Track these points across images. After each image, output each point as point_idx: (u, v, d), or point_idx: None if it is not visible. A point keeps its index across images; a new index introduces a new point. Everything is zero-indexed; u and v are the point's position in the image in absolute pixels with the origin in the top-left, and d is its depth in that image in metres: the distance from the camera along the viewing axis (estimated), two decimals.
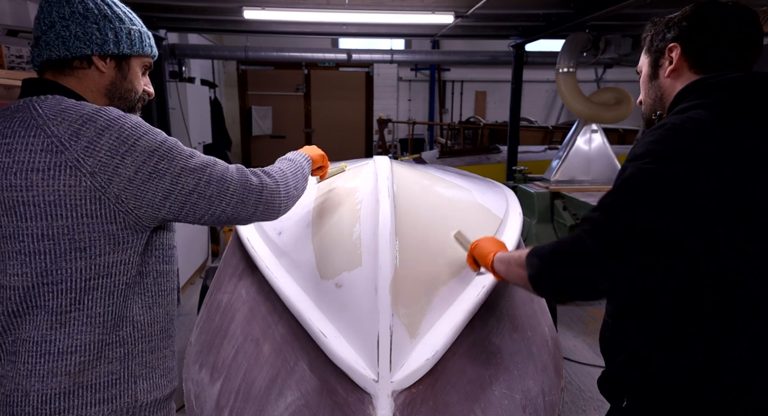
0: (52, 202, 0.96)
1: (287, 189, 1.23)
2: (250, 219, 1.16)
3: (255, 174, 1.17)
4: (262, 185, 1.15)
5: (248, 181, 1.13)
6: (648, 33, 1.24)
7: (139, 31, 1.15)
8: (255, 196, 1.14)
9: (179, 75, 5.77)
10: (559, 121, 9.29)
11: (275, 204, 1.18)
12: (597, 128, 4.63)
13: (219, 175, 1.08)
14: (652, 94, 1.23)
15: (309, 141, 9.47)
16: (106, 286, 1.02)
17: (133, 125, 1.01)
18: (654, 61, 1.21)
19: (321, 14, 4.32)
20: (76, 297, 1.00)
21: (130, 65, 1.14)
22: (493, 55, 6.34)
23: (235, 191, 1.10)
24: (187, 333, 3.55)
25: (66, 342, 1.00)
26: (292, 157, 1.41)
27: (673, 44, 1.15)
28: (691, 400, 1.07)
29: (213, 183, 1.07)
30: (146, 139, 1.01)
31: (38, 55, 1.07)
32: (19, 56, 2.83)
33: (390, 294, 1.19)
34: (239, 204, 1.11)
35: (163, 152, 1.02)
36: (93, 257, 1.00)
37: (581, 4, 3.90)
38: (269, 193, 1.16)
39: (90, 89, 1.10)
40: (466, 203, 1.97)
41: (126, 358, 1.07)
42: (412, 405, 1.07)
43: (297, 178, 1.30)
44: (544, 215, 4.40)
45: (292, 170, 1.31)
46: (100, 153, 0.96)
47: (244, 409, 1.21)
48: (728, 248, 1.01)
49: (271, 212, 1.19)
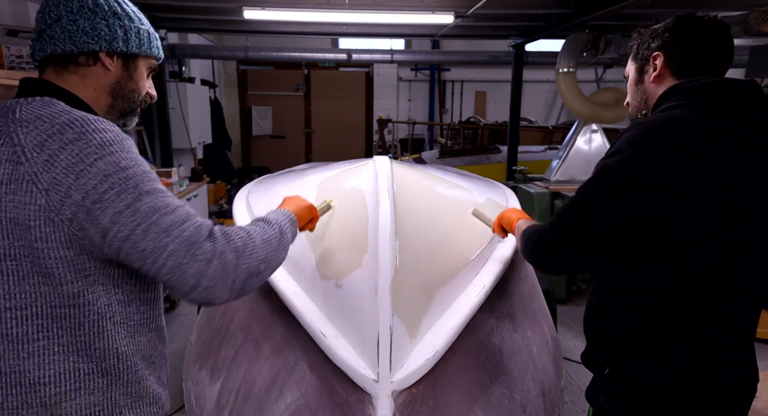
0: (12, 220, 0.87)
1: (250, 264, 0.97)
2: (190, 294, 0.91)
3: (213, 238, 0.93)
4: (214, 254, 0.91)
5: (196, 245, 0.90)
6: (635, 42, 1.34)
7: (147, 31, 1.10)
8: (198, 265, 0.89)
9: (179, 75, 5.78)
10: (559, 121, 9.28)
11: (226, 281, 0.92)
12: (597, 128, 4.63)
13: (163, 228, 0.89)
14: (638, 97, 1.34)
15: (309, 141, 9.47)
16: (74, 316, 0.93)
17: (100, 143, 0.89)
18: (640, 68, 1.32)
19: (321, 14, 4.32)
20: (43, 325, 0.91)
21: (137, 65, 1.10)
22: (493, 55, 6.34)
23: (173, 253, 0.88)
24: (187, 333, 3.55)
25: (37, 374, 0.91)
26: (273, 218, 1.15)
27: (657, 53, 1.25)
28: (667, 398, 1.16)
29: (150, 236, 0.88)
30: (106, 161, 0.88)
31: (40, 49, 1.01)
32: (19, 56, 2.83)
33: (390, 294, 1.19)
34: (175, 270, 0.89)
35: (116, 181, 0.88)
36: (56, 285, 0.90)
37: (581, 4, 3.90)
38: (220, 267, 0.91)
39: (93, 87, 1.04)
40: (466, 203, 1.97)
41: (109, 389, 0.98)
42: (412, 405, 1.07)
43: (269, 249, 1.04)
44: (544, 215, 4.39)
45: (266, 238, 1.05)
46: (57, 169, 0.86)
47: (244, 409, 1.21)
48: (714, 247, 1.08)
49: (221, 291, 0.92)
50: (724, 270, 1.09)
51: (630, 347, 1.18)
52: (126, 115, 1.12)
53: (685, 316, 1.12)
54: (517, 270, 1.73)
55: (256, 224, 1.09)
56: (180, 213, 0.92)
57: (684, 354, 1.13)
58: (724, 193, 1.05)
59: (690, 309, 1.12)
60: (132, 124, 1.16)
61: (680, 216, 1.05)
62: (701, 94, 1.14)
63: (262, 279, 1.02)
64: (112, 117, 1.10)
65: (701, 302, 1.11)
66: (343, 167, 2.11)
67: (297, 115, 9.38)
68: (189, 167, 5.47)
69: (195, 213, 0.97)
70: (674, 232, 1.06)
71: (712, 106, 1.11)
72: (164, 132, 5.27)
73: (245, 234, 1.00)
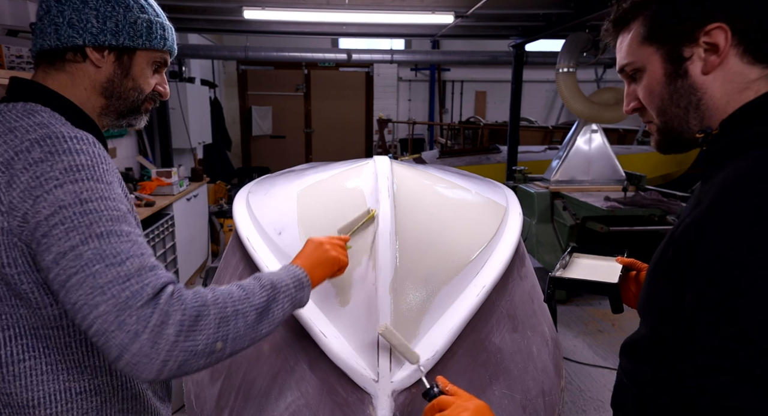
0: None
1: (197, 343, 0.77)
2: (114, 364, 0.75)
3: (155, 304, 0.76)
4: (146, 327, 0.74)
5: (128, 312, 0.73)
6: (641, 10, 0.83)
7: (148, 20, 0.97)
8: (123, 337, 0.73)
9: (179, 75, 5.77)
10: (559, 121, 9.28)
11: (154, 361, 0.74)
12: (597, 128, 4.63)
13: (99, 284, 0.74)
14: (679, 100, 0.82)
15: (309, 141, 9.47)
16: (60, 337, 0.87)
17: (66, 167, 0.79)
18: (673, 53, 0.80)
19: (321, 14, 4.32)
20: (29, 344, 0.85)
21: (134, 60, 0.98)
22: (493, 55, 6.34)
23: (101, 316, 0.73)
24: None
25: (26, 395, 0.85)
26: (271, 280, 0.93)
27: (716, 25, 0.75)
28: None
29: (83, 289, 0.74)
30: (65, 190, 0.78)
31: (34, 45, 0.94)
32: (19, 56, 2.83)
33: (390, 294, 1.19)
34: (100, 335, 0.74)
35: (69, 215, 0.77)
36: (35, 309, 0.84)
37: (581, 4, 3.91)
38: (148, 343, 0.73)
39: (83, 86, 0.95)
40: (466, 203, 1.97)
41: (104, 407, 0.92)
42: (412, 405, 1.07)
43: (238, 325, 0.83)
44: (544, 215, 4.40)
45: (239, 309, 0.84)
46: (16, 191, 0.78)
47: (244, 409, 1.21)
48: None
49: (144, 369, 0.74)
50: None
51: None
52: (127, 116, 1.03)
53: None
54: (517, 270, 1.73)
55: (239, 287, 0.88)
56: (128, 267, 0.77)
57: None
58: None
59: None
60: (140, 124, 1.06)
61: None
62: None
63: (219, 358, 0.82)
64: (110, 119, 1.01)
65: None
66: (343, 167, 2.11)
67: (297, 115, 9.38)
68: (189, 167, 5.47)
69: (154, 264, 0.81)
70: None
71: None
72: (164, 132, 5.27)
73: (211, 301, 0.81)
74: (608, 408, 1.16)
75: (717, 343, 0.65)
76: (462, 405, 0.86)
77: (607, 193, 4.28)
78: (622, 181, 4.49)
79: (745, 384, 0.62)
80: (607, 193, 4.24)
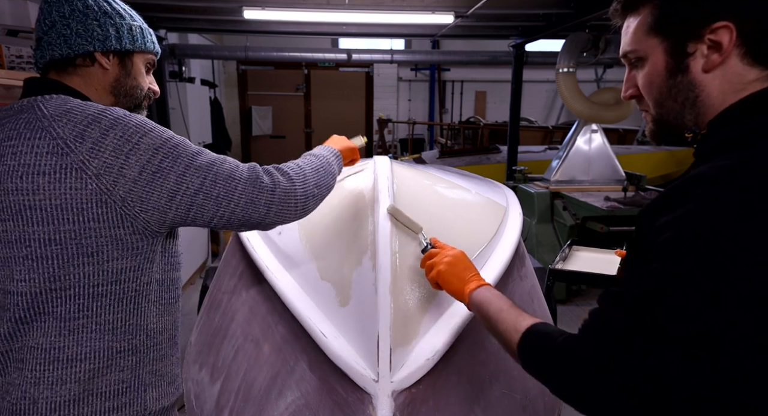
0: (59, 206, 0.93)
1: (305, 188, 1.12)
2: (264, 221, 1.07)
3: (268, 172, 1.08)
4: (275, 184, 1.07)
5: (259, 180, 1.05)
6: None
7: (140, 27, 1.13)
8: (266, 196, 1.05)
9: (179, 75, 5.78)
10: (559, 121, 9.28)
11: (290, 204, 1.08)
12: (597, 128, 4.63)
13: (226, 174, 1.02)
14: (677, 95, 0.82)
15: (309, 141, 9.47)
16: (115, 293, 1.00)
17: (137, 123, 0.98)
18: (676, 47, 0.80)
19: (321, 14, 4.32)
20: (84, 304, 0.98)
21: (133, 61, 1.13)
22: (493, 55, 6.34)
23: (244, 191, 1.03)
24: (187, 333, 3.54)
25: (75, 350, 0.98)
26: (318, 152, 1.30)
27: (723, 23, 0.75)
28: None
29: (219, 182, 1.01)
30: (150, 137, 0.97)
31: (41, 56, 1.06)
32: (19, 56, 2.83)
33: (390, 294, 1.19)
34: (249, 205, 1.03)
35: (168, 150, 0.98)
36: (101, 263, 0.97)
37: (581, 4, 3.91)
38: (283, 193, 1.07)
39: (95, 87, 1.09)
40: (466, 203, 1.97)
41: (137, 366, 1.05)
42: (412, 405, 1.07)
43: (319, 176, 1.18)
44: (544, 215, 4.40)
45: (314, 167, 1.20)
46: (105, 153, 0.94)
47: (244, 409, 1.21)
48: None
49: (287, 213, 1.09)
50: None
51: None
52: (132, 111, 1.14)
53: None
54: (517, 270, 1.73)
55: (304, 157, 1.25)
56: (231, 162, 1.05)
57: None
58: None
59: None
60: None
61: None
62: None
63: (319, 200, 1.18)
64: None
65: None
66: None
67: (297, 115, 9.38)
68: None
69: (237, 161, 1.09)
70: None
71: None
72: None
73: (295, 165, 1.16)
74: None
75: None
76: (444, 253, 1.18)
77: (607, 192, 4.28)
78: (622, 181, 4.49)
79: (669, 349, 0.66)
80: (607, 193, 4.24)
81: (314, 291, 1.36)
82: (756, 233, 0.63)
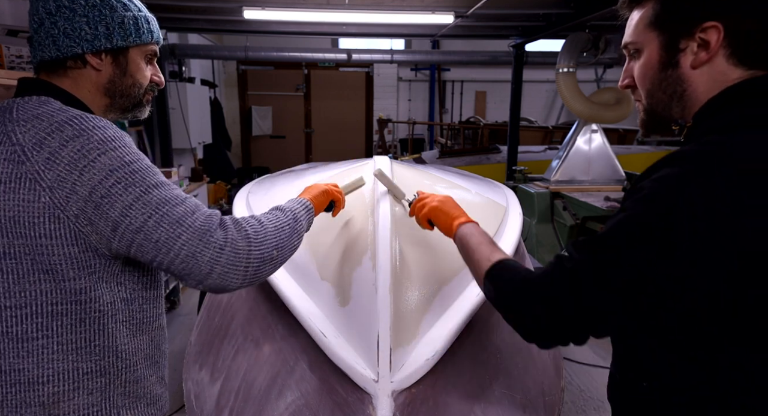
0: (12, 218, 0.87)
1: (261, 251, 0.97)
2: (205, 281, 0.92)
3: (224, 227, 0.94)
4: (226, 241, 0.92)
5: (209, 233, 0.91)
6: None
7: (134, 17, 1.03)
8: (212, 252, 0.90)
9: (179, 75, 5.77)
10: (559, 121, 9.28)
11: (239, 268, 0.93)
12: (597, 128, 4.63)
13: (175, 218, 0.90)
14: (666, 88, 0.86)
15: (309, 141, 9.47)
16: (76, 312, 0.92)
17: (102, 139, 0.89)
18: (670, 43, 0.84)
19: (321, 14, 4.32)
20: (43, 323, 0.90)
21: (129, 58, 1.04)
22: (493, 55, 6.34)
23: (187, 242, 0.89)
24: (187, 333, 3.55)
25: (36, 372, 0.91)
26: (287, 206, 1.15)
27: (712, 23, 0.79)
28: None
29: (163, 225, 0.89)
30: (109, 156, 0.89)
31: (33, 56, 1.00)
32: (19, 56, 2.83)
33: (390, 294, 1.18)
34: (190, 258, 0.90)
35: (122, 175, 0.89)
36: (58, 281, 0.90)
37: (581, 4, 3.91)
38: (233, 253, 0.92)
39: (87, 89, 1.02)
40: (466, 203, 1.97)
41: (107, 389, 0.98)
42: (412, 405, 1.07)
43: (282, 236, 1.03)
44: (544, 215, 4.40)
45: (279, 225, 1.05)
46: (60, 166, 0.86)
47: (244, 409, 1.21)
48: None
49: (233, 277, 0.93)
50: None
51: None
52: (131, 110, 1.09)
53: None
54: None
55: (269, 212, 1.10)
56: (189, 205, 0.94)
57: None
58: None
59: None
60: (144, 115, 1.13)
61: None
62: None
63: (276, 265, 1.03)
64: (114, 115, 1.08)
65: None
66: (343, 167, 2.11)
67: (297, 115, 9.38)
68: (189, 167, 5.47)
69: (201, 204, 0.97)
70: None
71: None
72: (164, 132, 5.27)
73: (256, 222, 1.01)
74: (608, 408, 1.16)
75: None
76: (434, 196, 1.30)
77: (607, 193, 4.28)
78: (622, 181, 4.49)
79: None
80: (607, 193, 4.24)
81: (314, 291, 1.36)
82: (718, 201, 0.71)
